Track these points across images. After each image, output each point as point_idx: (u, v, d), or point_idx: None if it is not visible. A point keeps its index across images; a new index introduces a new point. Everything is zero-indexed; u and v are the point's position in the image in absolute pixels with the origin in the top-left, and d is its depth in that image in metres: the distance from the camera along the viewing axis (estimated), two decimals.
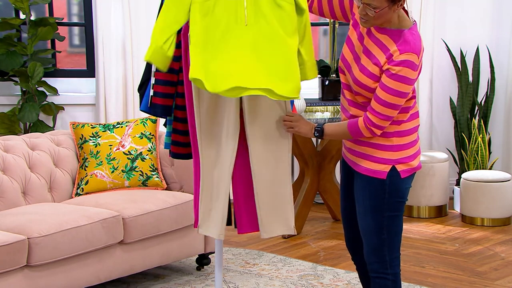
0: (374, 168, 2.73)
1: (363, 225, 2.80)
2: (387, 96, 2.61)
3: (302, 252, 4.50)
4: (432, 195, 5.26)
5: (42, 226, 3.36)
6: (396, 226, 2.78)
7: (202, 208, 2.88)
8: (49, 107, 5.20)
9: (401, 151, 2.72)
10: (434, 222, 5.16)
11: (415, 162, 2.76)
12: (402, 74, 2.59)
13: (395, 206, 2.76)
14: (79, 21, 5.69)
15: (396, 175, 2.72)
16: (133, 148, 4.10)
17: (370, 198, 2.74)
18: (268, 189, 2.85)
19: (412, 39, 2.61)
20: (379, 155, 2.72)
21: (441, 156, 5.32)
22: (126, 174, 4.05)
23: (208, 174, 2.86)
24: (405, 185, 2.76)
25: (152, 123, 4.21)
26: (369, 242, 2.79)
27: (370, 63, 2.66)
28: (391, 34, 2.63)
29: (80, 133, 4.12)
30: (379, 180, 2.72)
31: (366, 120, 2.66)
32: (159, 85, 2.98)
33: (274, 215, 2.88)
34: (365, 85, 2.67)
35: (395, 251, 2.80)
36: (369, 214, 2.75)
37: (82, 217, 3.51)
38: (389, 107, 2.62)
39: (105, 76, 5.23)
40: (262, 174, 2.84)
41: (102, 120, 5.25)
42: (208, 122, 2.83)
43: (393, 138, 2.71)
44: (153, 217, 3.75)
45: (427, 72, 5.56)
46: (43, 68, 5.08)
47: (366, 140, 2.73)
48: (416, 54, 2.60)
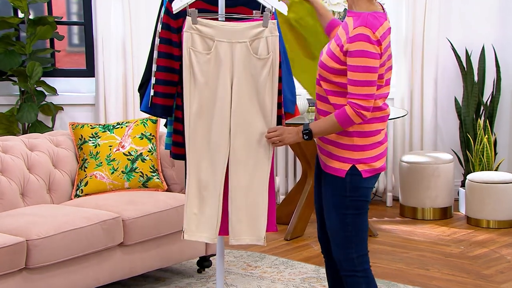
0: (335, 166, 2.84)
1: (328, 223, 2.91)
2: (358, 74, 2.73)
3: (304, 254, 4.51)
4: (436, 197, 5.27)
5: (41, 228, 3.36)
6: (361, 224, 2.88)
7: (187, 212, 2.90)
8: (48, 107, 5.21)
9: (362, 152, 2.83)
10: (439, 224, 5.16)
11: (378, 164, 2.86)
12: (358, 48, 2.71)
13: (358, 205, 2.85)
14: (78, 20, 5.70)
15: (356, 174, 2.82)
16: (133, 149, 4.11)
17: (333, 196, 2.86)
18: (242, 196, 2.89)
19: (370, 18, 2.76)
20: (340, 154, 2.84)
21: (446, 157, 5.32)
22: (126, 175, 4.06)
23: (194, 176, 2.88)
24: (367, 185, 2.86)
25: (152, 123, 4.22)
26: (336, 240, 2.89)
27: (334, 44, 2.82)
28: (354, 15, 2.80)
29: (79, 133, 4.13)
30: (340, 179, 2.83)
31: (353, 106, 2.74)
32: (159, 85, 2.99)
33: (245, 223, 2.91)
34: (325, 65, 2.80)
35: (362, 248, 2.89)
36: (332, 211, 2.87)
37: (81, 219, 3.51)
38: (365, 85, 2.73)
39: (104, 75, 5.24)
40: (239, 180, 2.89)
41: (102, 121, 5.26)
42: (197, 122, 2.85)
43: (354, 138, 2.82)
44: (153, 219, 3.76)
45: (431, 71, 5.57)
46: (41, 67, 5.09)
47: (330, 138, 2.84)
48: (369, 29, 2.72)
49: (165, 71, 2.99)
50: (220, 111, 2.84)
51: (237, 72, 2.84)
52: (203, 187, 2.88)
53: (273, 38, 2.84)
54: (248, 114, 2.86)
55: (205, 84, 2.82)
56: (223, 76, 2.83)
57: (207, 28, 2.82)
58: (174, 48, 2.97)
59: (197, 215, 2.89)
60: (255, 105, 2.85)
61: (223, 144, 2.86)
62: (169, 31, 2.96)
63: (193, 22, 2.80)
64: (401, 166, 5.40)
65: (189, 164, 2.87)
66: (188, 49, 2.80)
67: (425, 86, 5.59)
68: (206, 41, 2.82)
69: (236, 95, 2.84)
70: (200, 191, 2.88)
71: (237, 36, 2.82)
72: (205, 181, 2.88)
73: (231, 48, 2.82)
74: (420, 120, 5.65)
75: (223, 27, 2.82)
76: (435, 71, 5.59)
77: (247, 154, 2.87)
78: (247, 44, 2.82)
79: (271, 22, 2.83)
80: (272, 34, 2.83)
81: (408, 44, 5.57)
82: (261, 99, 2.85)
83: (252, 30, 2.83)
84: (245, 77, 2.84)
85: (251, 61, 2.83)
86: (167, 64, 2.98)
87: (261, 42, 2.83)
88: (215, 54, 2.82)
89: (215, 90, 2.83)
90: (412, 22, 5.55)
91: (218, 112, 2.85)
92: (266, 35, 2.83)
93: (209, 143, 2.86)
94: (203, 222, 2.89)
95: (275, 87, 2.86)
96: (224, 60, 2.83)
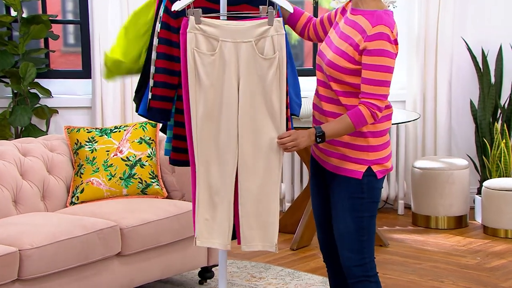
0: (351, 168, 2.88)
1: (341, 228, 2.92)
2: (375, 73, 2.77)
3: (311, 265, 4.51)
4: (451, 205, 5.27)
5: (34, 237, 3.37)
6: (373, 228, 2.94)
7: (199, 218, 2.92)
8: (42, 110, 5.23)
9: (376, 152, 2.89)
10: (454, 234, 5.16)
11: (389, 164, 2.95)
12: (378, 47, 2.75)
13: (372, 207, 2.92)
14: (74, 18, 5.72)
15: (372, 175, 2.89)
16: (132, 154, 4.13)
17: (349, 198, 2.89)
18: (253, 201, 2.91)
19: (385, 16, 2.80)
20: (356, 156, 2.88)
21: (461, 163, 5.32)
22: (124, 182, 4.08)
23: (204, 181, 2.90)
24: (380, 186, 2.94)
25: (152, 127, 4.24)
26: (349, 245, 2.91)
27: (344, 44, 2.83)
28: (365, 13, 2.83)
29: (75, 138, 4.14)
30: (356, 180, 2.87)
31: (369, 106, 2.78)
32: (158, 88, 3.00)
33: (257, 229, 2.93)
34: (338, 65, 2.83)
35: (373, 253, 2.95)
36: (348, 215, 2.89)
37: (77, 228, 3.52)
38: (381, 85, 2.78)
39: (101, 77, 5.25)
40: (249, 185, 2.90)
41: (99, 124, 5.27)
42: (204, 126, 2.87)
43: (369, 138, 2.87)
44: (153, 228, 3.77)
45: (445, 72, 5.57)
46: (35, 68, 5.10)
47: (344, 140, 2.88)
48: (388, 27, 2.77)
49: (165, 73, 2.99)
50: (227, 114, 2.86)
51: (243, 73, 2.85)
52: (214, 192, 2.91)
53: (279, 37, 2.85)
54: (256, 116, 2.87)
55: (211, 86, 2.84)
56: (228, 78, 2.85)
57: (211, 28, 2.83)
58: (174, 48, 2.97)
59: (209, 221, 2.92)
60: (262, 106, 2.87)
61: (231, 147, 2.87)
62: (169, 31, 2.97)
63: (197, 22, 2.82)
64: (413, 172, 5.40)
65: (199, 169, 2.89)
66: (192, 50, 2.82)
67: (439, 88, 5.59)
68: (210, 41, 2.83)
69: (243, 96, 2.86)
70: (212, 197, 2.91)
71: (241, 35, 2.84)
72: (216, 186, 2.90)
73: (236, 48, 2.84)
74: (433, 123, 5.65)
75: (227, 27, 2.83)
76: (449, 72, 5.59)
77: (256, 158, 2.89)
78: (252, 43, 2.84)
79: (277, 20, 2.84)
80: (278, 32, 2.84)
81: (421, 43, 5.58)
82: (269, 100, 2.86)
83: (257, 29, 2.84)
84: (251, 78, 2.85)
85: (257, 61, 2.85)
86: (166, 66, 2.99)
87: (267, 41, 2.84)
88: (219, 55, 2.84)
89: (221, 92, 2.85)
90: (424, 20, 5.55)
91: (225, 114, 2.86)
92: (271, 33, 2.84)
93: (218, 147, 2.88)
94: (215, 228, 2.91)
95: (283, 87, 2.87)
96: (229, 61, 2.84)
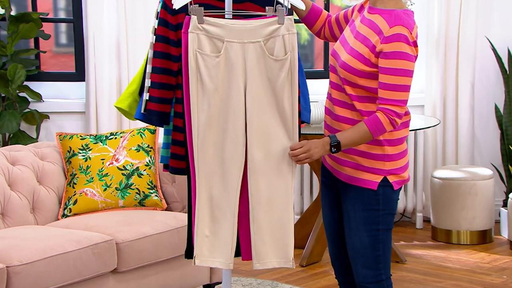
0: (366, 178, 2.88)
1: (355, 241, 2.92)
2: (393, 78, 2.76)
3: (322, 282, 4.50)
4: (474, 218, 5.25)
5: (23, 252, 3.36)
6: (389, 242, 2.96)
7: (198, 234, 2.89)
8: (32, 116, 5.22)
9: (393, 161, 2.90)
10: (477, 250, 5.14)
11: (406, 174, 2.95)
12: (395, 49, 2.75)
13: (388, 219, 2.93)
14: (66, 16, 5.72)
15: (388, 186, 2.90)
16: (129, 162, 4.12)
17: (364, 210, 2.89)
18: (266, 213, 2.89)
19: (404, 16, 2.79)
20: (371, 165, 2.88)
21: (485, 173, 5.30)
22: (121, 193, 4.06)
23: (205, 194, 2.87)
24: (396, 198, 2.95)
25: (150, 133, 4.23)
26: (364, 260, 2.91)
27: (360, 45, 2.84)
28: (382, 12, 2.83)
29: (67, 145, 4.14)
30: (371, 191, 2.88)
31: (387, 112, 2.77)
32: (155, 89, 2.98)
33: (270, 244, 2.90)
34: (352, 68, 2.82)
35: (389, 269, 2.95)
36: (362, 228, 2.90)
37: (69, 242, 3.51)
38: (400, 90, 2.77)
39: (96, 79, 5.25)
40: (260, 197, 2.88)
41: (93, 131, 5.27)
42: (207, 134, 2.84)
43: (385, 147, 2.87)
44: (151, 242, 3.76)
45: (468, 74, 5.55)
46: (25, 70, 5.10)
47: (360, 149, 2.88)
48: (406, 28, 2.77)
49: (162, 73, 2.98)
50: (234, 120, 2.84)
51: (251, 76, 2.83)
52: (215, 205, 2.87)
53: (290, 36, 2.83)
54: (266, 123, 2.86)
55: (215, 90, 2.82)
56: (235, 81, 2.82)
57: (215, 28, 2.81)
58: (172, 47, 2.97)
59: (209, 238, 2.88)
60: (273, 112, 2.85)
61: (237, 157, 2.85)
62: (167, 28, 2.96)
63: (199, 21, 2.80)
64: (432, 182, 5.38)
65: (199, 180, 2.87)
66: (194, 52, 2.80)
67: (461, 91, 5.58)
68: (214, 42, 2.82)
69: (252, 102, 2.83)
70: (212, 211, 2.88)
71: (249, 35, 2.82)
72: (217, 199, 2.87)
73: (243, 49, 2.82)
74: (454, 130, 5.64)
75: (233, 26, 2.82)
76: (472, 74, 5.58)
77: (268, 168, 2.87)
78: (261, 44, 2.82)
79: (288, 19, 2.83)
80: (290, 31, 2.83)
81: (441, 43, 5.57)
82: (280, 106, 2.85)
83: (266, 28, 2.82)
84: (260, 81, 2.83)
85: (266, 62, 2.83)
86: (163, 65, 2.98)
87: (277, 41, 2.83)
88: (225, 57, 2.82)
89: (227, 97, 2.83)
90: (445, 18, 5.55)
91: (231, 121, 2.84)
92: (282, 33, 2.82)
93: (222, 157, 2.86)
94: (217, 245, 2.88)
95: (294, 91, 2.85)
96: (236, 63, 2.82)
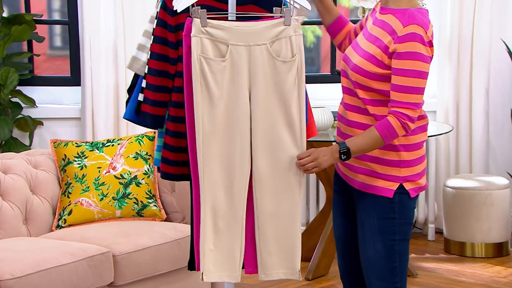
0: (381, 185, 2.87)
1: (370, 252, 2.91)
2: (406, 79, 2.75)
3: None
4: (489, 230, 5.23)
5: (16, 265, 3.35)
6: (406, 253, 2.93)
7: (204, 248, 2.88)
8: (24, 122, 5.23)
9: (410, 168, 2.88)
10: (493, 263, 5.13)
11: (423, 181, 2.94)
12: (409, 49, 2.75)
13: (405, 229, 2.91)
14: (61, 18, 5.73)
15: (404, 193, 2.88)
16: (127, 171, 4.11)
17: (379, 219, 2.88)
18: (272, 223, 2.90)
19: (418, 15, 2.79)
20: (386, 172, 2.87)
21: (501, 182, 5.29)
22: (118, 202, 4.06)
23: (208, 206, 2.86)
24: (413, 206, 2.93)
25: (149, 140, 4.22)
26: (378, 272, 2.90)
27: (372, 46, 2.84)
28: (395, 12, 2.83)
29: (62, 153, 4.14)
30: (387, 199, 2.86)
31: (399, 116, 2.77)
32: (150, 91, 2.99)
33: (276, 255, 2.91)
34: (365, 70, 2.82)
35: (405, 282, 2.94)
36: (377, 238, 2.88)
37: (64, 255, 3.51)
38: (414, 92, 2.76)
39: (92, 84, 5.25)
40: (266, 206, 2.89)
41: (89, 138, 5.27)
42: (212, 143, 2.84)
43: (401, 152, 2.86)
44: (149, 254, 3.76)
45: (482, 78, 5.54)
46: (17, 75, 5.11)
47: (373, 154, 2.86)
48: (421, 27, 2.76)
49: (158, 75, 2.99)
50: (239, 128, 2.84)
51: (257, 80, 2.83)
52: (220, 217, 2.87)
53: (297, 38, 2.84)
54: (273, 130, 2.86)
55: (221, 96, 2.82)
56: (241, 86, 2.83)
57: (219, 31, 2.81)
58: (170, 49, 2.97)
59: (213, 251, 2.88)
60: (280, 118, 2.85)
61: (243, 167, 2.86)
62: (165, 29, 2.96)
63: (203, 25, 2.80)
64: (445, 192, 5.37)
65: (204, 192, 2.86)
66: (198, 57, 2.80)
67: (475, 96, 5.57)
68: (218, 46, 2.82)
69: (257, 107, 2.83)
70: (217, 223, 2.87)
71: (255, 37, 2.82)
72: (222, 211, 2.87)
73: (249, 52, 2.82)
74: (468, 137, 5.63)
75: (238, 28, 2.82)
76: (486, 78, 5.57)
77: (274, 176, 2.88)
78: (267, 46, 2.82)
79: (294, 19, 2.84)
80: (296, 33, 2.84)
81: (454, 46, 5.57)
82: (288, 111, 2.85)
83: (272, 30, 2.83)
84: (266, 85, 2.83)
85: (274, 65, 2.84)
86: (160, 67, 2.98)
87: (283, 42, 2.83)
88: (230, 61, 2.82)
89: (232, 103, 2.83)
90: (458, 19, 5.54)
91: (236, 129, 2.84)
92: (289, 34, 2.83)
93: (227, 166, 2.85)
94: (222, 258, 2.88)
95: (302, 96, 2.85)
96: (242, 67, 2.82)
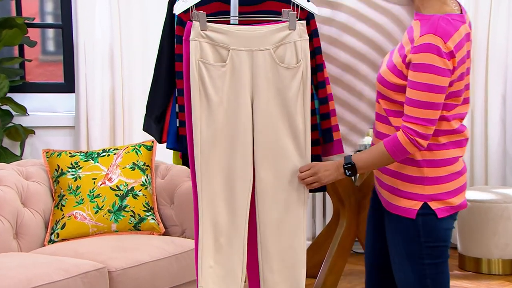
0: (402, 205, 2.82)
1: (401, 278, 2.88)
2: (419, 93, 2.71)
3: None
4: (507, 245, 5.23)
5: (6, 283, 3.35)
6: (442, 277, 2.85)
7: (203, 265, 2.89)
8: (15, 131, 5.23)
9: (435, 185, 2.80)
10: (511, 281, 5.12)
11: (456, 200, 2.84)
12: (424, 61, 2.70)
13: (436, 252, 2.84)
14: (54, 21, 5.75)
15: (430, 214, 2.79)
16: (123, 182, 4.12)
17: (404, 242, 2.83)
18: (275, 238, 2.90)
19: (441, 23, 2.73)
20: (407, 189, 2.82)
21: None
22: (114, 215, 4.06)
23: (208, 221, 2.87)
24: (445, 226, 2.83)
25: (147, 150, 4.23)
26: None
27: (396, 55, 2.84)
28: (422, 18, 2.80)
29: (55, 163, 4.14)
30: (410, 221, 2.81)
31: (407, 131, 2.73)
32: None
33: (280, 272, 2.92)
34: (386, 81, 2.81)
35: None
36: (406, 263, 2.84)
37: (57, 271, 3.50)
38: (425, 107, 2.71)
39: (87, 91, 5.26)
40: (269, 220, 2.89)
41: (84, 147, 5.27)
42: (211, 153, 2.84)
43: (424, 168, 2.80)
44: (147, 270, 3.76)
45: (498, 85, 5.55)
46: (8, 81, 5.11)
47: (392, 168, 2.82)
48: (440, 37, 2.69)
49: None
50: (241, 137, 2.84)
51: (260, 87, 2.84)
52: (220, 233, 2.87)
53: (303, 43, 2.85)
54: (276, 139, 2.86)
55: (220, 103, 2.82)
56: (242, 93, 2.83)
57: (220, 35, 2.82)
58: None
59: (213, 268, 2.88)
60: (284, 127, 2.86)
61: (245, 178, 2.86)
62: None
63: (202, 28, 2.81)
64: None
65: (202, 206, 2.86)
66: (196, 62, 2.80)
67: (490, 104, 5.58)
68: (218, 50, 2.83)
69: (260, 115, 2.84)
70: (217, 239, 2.88)
71: (257, 42, 2.83)
72: (222, 226, 2.87)
73: (251, 57, 2.83)
74: (484, 147, 5.63)
75: (239, 33, 2.83)
76: (503, 85, 5.58)
77: (278, 188, 2.89)
78: (270, 51, 2.83)
79: (300, 23, 2.84)
80: (302, 37, 2.85)
81: None
82: (292, 119, 2.85)
83: (276, 35, 2.83)
84: (270, 92, 2.84)
85: (277, 72, 2.84)
86: None
87: (288, 48, 2.84)
88: (231, 67, 2.83)
89: (233, 111, 2.83)
90: (473, 21, 5.54)
91: (237, 138, 2.84)
92: (294, 39, 2.84)
93: (227, 177, 2.86)
94: (223, 276, 2.88)
95: (307, 103, 2.86)
96: (243, 73, 2.83)
